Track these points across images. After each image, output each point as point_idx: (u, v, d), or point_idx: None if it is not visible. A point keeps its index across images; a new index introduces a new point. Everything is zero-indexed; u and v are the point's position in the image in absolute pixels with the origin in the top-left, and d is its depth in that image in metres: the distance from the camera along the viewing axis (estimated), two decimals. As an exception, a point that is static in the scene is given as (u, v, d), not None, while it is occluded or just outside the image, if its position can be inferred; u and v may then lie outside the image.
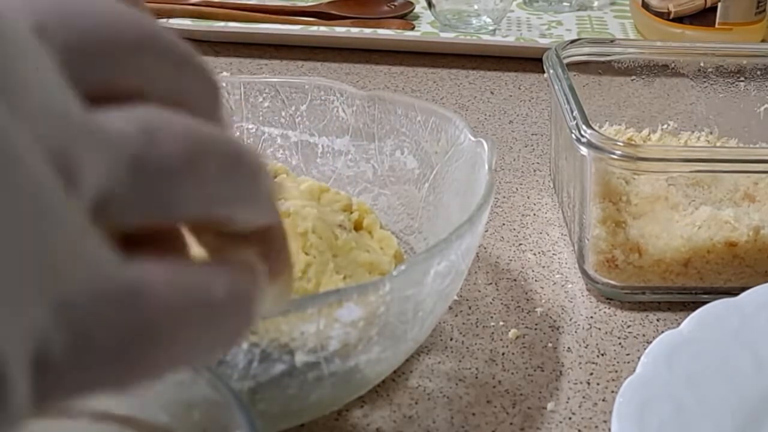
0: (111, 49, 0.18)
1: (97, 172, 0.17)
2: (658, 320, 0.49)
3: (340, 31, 0.83)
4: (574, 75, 0.57)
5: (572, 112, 0.50)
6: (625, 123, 0.62)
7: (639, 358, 0.41)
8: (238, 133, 0.53)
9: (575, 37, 0.75)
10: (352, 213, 0.48)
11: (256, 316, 0.20)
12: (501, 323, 0.48)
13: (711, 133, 0.62)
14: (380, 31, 0.84)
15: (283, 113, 0.53)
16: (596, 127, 0.49)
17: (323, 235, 0.43)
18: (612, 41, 0.67)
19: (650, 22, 0.84)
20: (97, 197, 0.17)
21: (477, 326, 0.48)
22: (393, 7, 0.92)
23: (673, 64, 0.62)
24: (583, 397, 0.43)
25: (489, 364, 0.45)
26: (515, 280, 0.52)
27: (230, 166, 0.20)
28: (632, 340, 0.47)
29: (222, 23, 0.84)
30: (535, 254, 0.54)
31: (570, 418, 0.42)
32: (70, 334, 0.16)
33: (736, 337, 0.42)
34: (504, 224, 0.57)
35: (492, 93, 0.77)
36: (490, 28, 0.88)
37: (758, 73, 0.61)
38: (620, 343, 0.47)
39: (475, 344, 0.46)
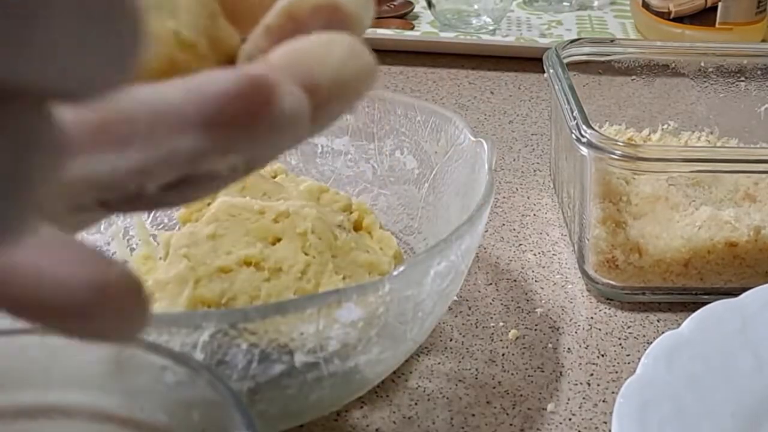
0: None
1: None
2: (658, 321, 0.49)
3: (340, 30, 0.83)
4: (574, 75, 0.57)
5: (572, 112, 0.50)
6: (625, 123, 0.62)
7: (639, 358, 0.41)
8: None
9: (575, 37, 0.75)
10: (351, 213, 0.48)
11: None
12: (501, 324, 0.48)
13: (711, 133, 0.62)
14: (380, 31, 0.84)
15: (283, 113, 0.53)
16: (596, 127, 0.49)
17: (323, 235, 0.43)
18: (612, 41, 0.67)
19: (650, 22, 0.84)
20: None
21: (477, 327, 0.48)
22: (393, 6, 0.92)
23: (673, 64, 0.61)
24: (584, 398, 0.43)
25: (489, 365, 0.45)
26: (515, 280, 0.52)
27: None
28: (632, 341, 0.47)
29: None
30: (535, 254, 0.54)
31: (570, 419, 0.42)
32: None
33: (737, 337, 0.42)
34: (504, 224, 0.57)
35: (492, 93, 0.77)
36: (490, 28, 0.88)
37: (758, 73, 0.61)
38: (620, 344, 0.47)
39: (475, 345, 0.46)
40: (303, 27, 0.19)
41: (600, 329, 0.48)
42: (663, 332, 0.42)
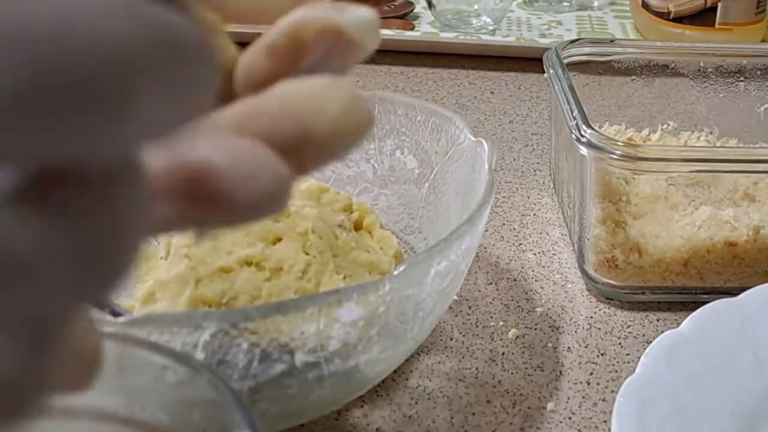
0: None
1: None
2: (658, 320, 0.49)
3: (340, 31, 0.83)
4: (574, 75, 0.57)
5: (572, 112, 0.50)
6: (625, 123, 0.62)
7: (639, 358, 0.41)
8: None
9: (575, 37, 0.75)
10: (352, 213, 0.48)
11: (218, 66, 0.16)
12: (501, 323, 0.48)
13: (711, 133, 0.62)
14: (380, 31, 0.84)
15: (283, 113, 0.53)
16: (596, 127, 0.49)
17: (323, 235, 0.43)
18: (612, 41, 0.67)
19: (650, 22, 0.84)
20: None
21: (477, 326, 0.48)
22: (393, 7, 0.92)
23: (673, 64, 0.62)
24: (583, 397, 0.43)
25: (489, 364, 0.45)
26: (515, 280, 0.52)
27: None
28: (632, 340, 0.47)
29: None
30: (535, 254, 0.54)
31: (570, 418, 0.42)
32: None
33: (736, 336, 0.42)
34: (504, 224, 0.57)
35: (492, 93, 0.77)
36: (490, 28, 0.88)
37: (758, 73, 0.61)
38: (620, 343, 0.47)
39: (475, 344, 0.46)
40: (306, 49, 0.19)
41: (600, 328, 0.48)
42: (662, 331, 0.42)
